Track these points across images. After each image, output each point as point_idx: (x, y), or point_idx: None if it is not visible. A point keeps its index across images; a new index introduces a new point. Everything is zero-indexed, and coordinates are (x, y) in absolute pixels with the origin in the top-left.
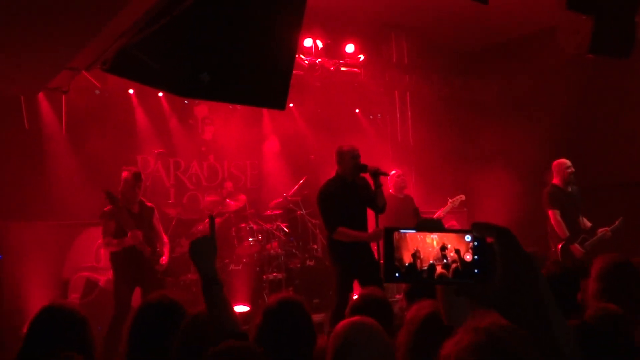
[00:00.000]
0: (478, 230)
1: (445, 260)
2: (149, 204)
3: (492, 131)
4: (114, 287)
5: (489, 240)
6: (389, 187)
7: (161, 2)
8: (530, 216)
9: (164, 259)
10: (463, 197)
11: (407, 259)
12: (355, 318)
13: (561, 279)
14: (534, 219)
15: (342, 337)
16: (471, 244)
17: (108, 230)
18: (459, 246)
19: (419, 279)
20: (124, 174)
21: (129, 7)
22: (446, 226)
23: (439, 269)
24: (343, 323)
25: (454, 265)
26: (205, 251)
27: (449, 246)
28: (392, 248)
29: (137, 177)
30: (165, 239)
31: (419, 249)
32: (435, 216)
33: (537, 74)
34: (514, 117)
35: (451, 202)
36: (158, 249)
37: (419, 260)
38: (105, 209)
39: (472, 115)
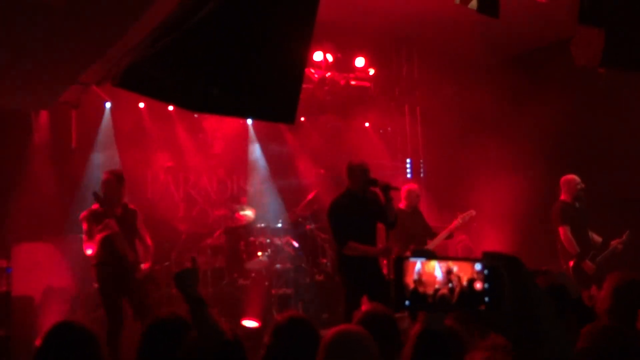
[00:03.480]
0: (488, 259)
1: (450, 285)
2: (132, 206)
3: (502, 146)
4: (102, 301)
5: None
6: (402, 200)
7: (171, 17)
8: (541, 232)
9: (144, 265)
10: (473, 212)
11: (411, 285)
12: (342, 327)
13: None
14: (545, 235)
15: (328, 345)
16: (482, 272)
17: (89, 231)
18: (469, 274)
19: (425, 305)
20: (105, 176)
21: (140, 22)
22: (456, 242)
23: (443, 293)
24: (330, 332)
25: (458, 289)
26: (187, 278)
27: (454, 269)
28: (402, 276)
29: (119, 178)
30: (150, 243)
31: (422, 273)
32: (445, 232)
33: (549, 87)
34: (524, 132)
35: (461, 218)
36: (141, 255)
37: (421, 286)
38: (83, 213)
39: (483, 130)
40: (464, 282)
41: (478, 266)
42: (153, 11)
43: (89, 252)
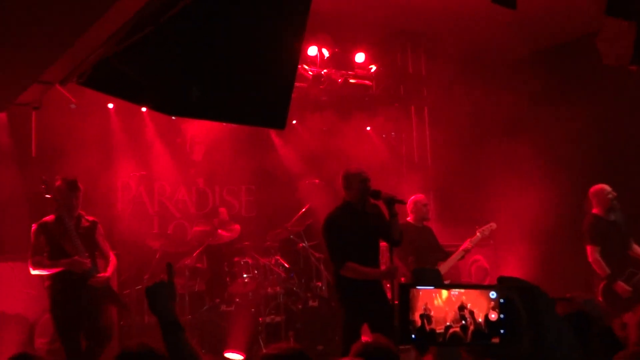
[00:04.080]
0: (505, 287)
1: (463, 322)
2: (90, 217)
3: (524, 152)
4: (56, 331)
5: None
6: (408, 213)
7: (146, 9)
8: (572, 250)
9: (103, 274)
10: (494, 225)
11: (418, 322)
12: None
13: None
14: (576, 253)
15: None
16: (497, 301)
17: (38, 246)
18: (482, 304)
19: (435, 342)
20: (56, 183)
21: (109, 14)
22: (470, 262)
23: (455, 331)
24: None
25: (472, 328)
26: (161, 294)
27: (468, 305)
28: (407, 306)
29: (71, 186)
30: (113, 258)
31: (431, 308)
32: (462, 248)
33: (577, 86)
34: (550, 136)
35: (480, 232)
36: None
37: (430, 323)
38: (34, 226)
39: (501, 134)
40: (479, 319)
41: (493, 294)
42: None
43: (36, 272)
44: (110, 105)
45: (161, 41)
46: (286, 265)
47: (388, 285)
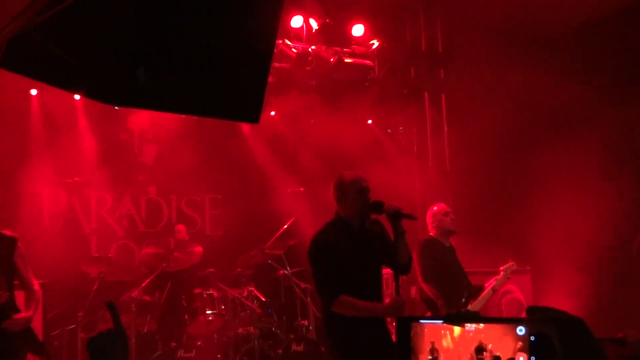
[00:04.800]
0: (535, 320)
1: None
2: (7, 232)
3: (575, 153)
4: None
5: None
6: (429, 229)
7: None
8: (628, 279)
9: (21, 314)
10: (513, 264)
11: None
12: None
13: None
14: (633, 282)
15: None
16: (526, 339)
17: None
18: (507, 343)
19: None
20: None
21: None
22: (500, 293)
23: None
24: None
25: None
26: (111, 351)
27: (488, 346)
28: (408, 346)
29: None
30: (37, 288)
31: (439, 348)
32: (490, 287)
33: (631, 67)
34: (605, 132)
35: (504, 271)
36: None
37: None
38: None
39: (542, 130)
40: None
41: (521, 330)
42: None
43: None
44: (34, 92)
45: (97, 9)
46: (262, 298)
47: (394, 324)
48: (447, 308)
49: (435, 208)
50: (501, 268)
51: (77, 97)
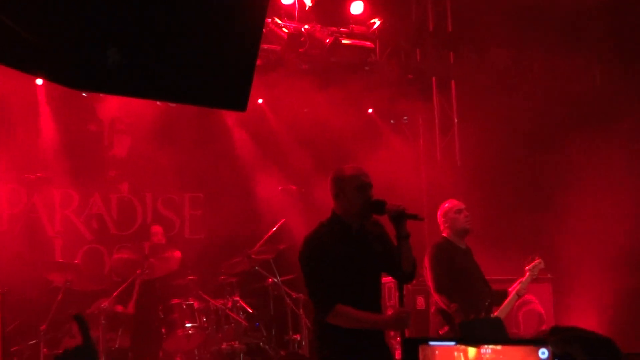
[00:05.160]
0: (560, 341)
1: None
2: None
3: (597, 145)
4: None
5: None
6: (441, 229)
7: None
8: None
9: None
10: (540, 261)
11: None
12: None
13: None
14: None
15: None
16: None
17: None
18: None
19: None
20: None
21: None
22: (517, 305)
23: None
24: None
25: None
26: None
27: None
28: None
29: None
30: None
31: None
32: (514, 291)
33: None
34: (633, 119)
35: (530, 272)
36: None
37: None
38: None
39: (560, 118)
40: None
41: (544, 353)
42: None
43: None
44: None
45: None
46: (249, 310)
47: (399, 338)
48: (462, 314)
49: (446, 205)
50: (527, 268)
51: (38, 81)
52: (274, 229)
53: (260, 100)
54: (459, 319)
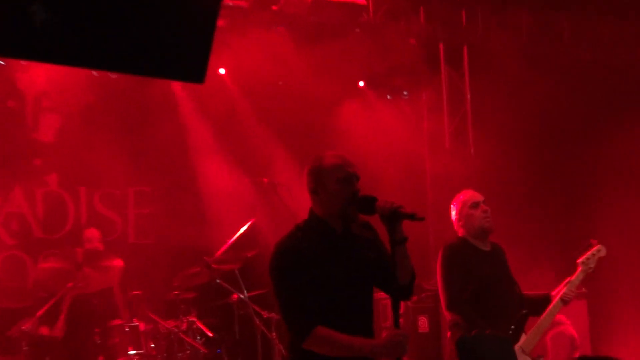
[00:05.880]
0: None
1: None
2: None
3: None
4: None
5: None
6: (456, 227)
7: None
8: None
9: None
10: (602, 249)
11: None
12: None
13: None
14: None
15: None
16: None
17: None
18: None
19: None
20: None
21: None
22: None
23: None
24: None
25: None
26: None
27: None
28: None
29: None
30: None
31: None
32: (558, 296)
33: None
34: None
35: (582, 265)
36: None
37: None
38: None
39: (597, 100)
40: None
41: None
42: None
43: None
44: None
45: None
46: (209, 333)
47: None
48: (460, 329)
49: (460, 197)
50: (578, 260)
51: None
52: (240, 232)
53: (222, 70)
54: (457, 335)
